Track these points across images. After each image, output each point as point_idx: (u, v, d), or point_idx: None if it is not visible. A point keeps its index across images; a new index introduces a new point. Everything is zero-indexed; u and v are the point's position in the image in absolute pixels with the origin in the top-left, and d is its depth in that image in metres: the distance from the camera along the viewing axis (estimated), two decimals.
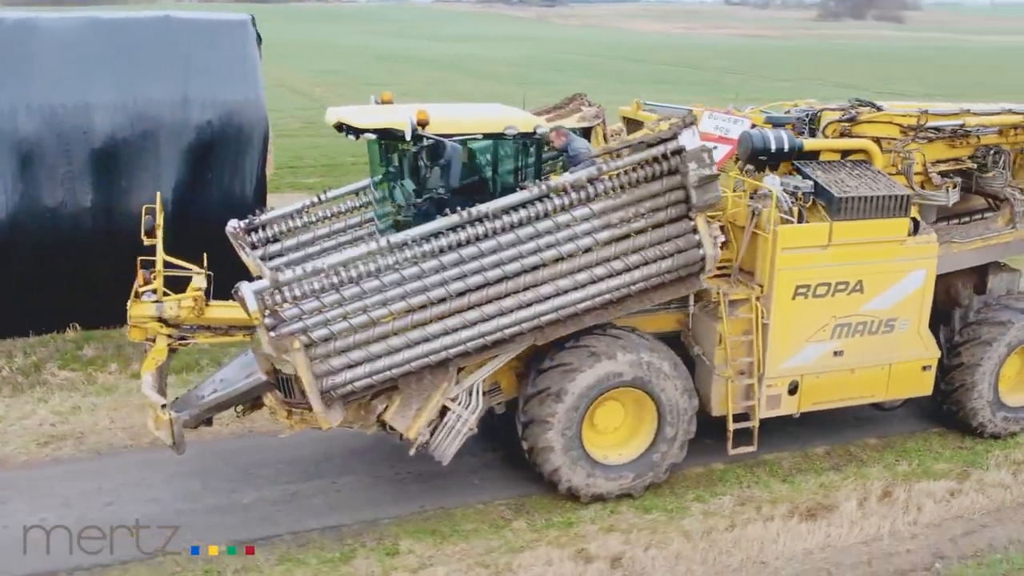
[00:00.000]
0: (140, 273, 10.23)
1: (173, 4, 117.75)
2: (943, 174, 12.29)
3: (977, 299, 12.64)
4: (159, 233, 10.87)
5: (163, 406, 9.57)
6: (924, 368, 12.03)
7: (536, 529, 10.49)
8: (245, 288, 9.27)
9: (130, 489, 11.14)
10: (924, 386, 12.17)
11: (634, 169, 10.15)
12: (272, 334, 9.38)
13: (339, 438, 11.85)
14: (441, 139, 9.45)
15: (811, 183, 11.13)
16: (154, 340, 10.58)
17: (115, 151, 15.68)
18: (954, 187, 12.21)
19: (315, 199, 12.26)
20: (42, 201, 15.46)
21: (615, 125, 12.78)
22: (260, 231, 12.07)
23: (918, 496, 11.22)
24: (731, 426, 11.23)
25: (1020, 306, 12.46)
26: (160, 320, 10.40)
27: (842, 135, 11.95)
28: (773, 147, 11.24)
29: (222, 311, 10.71)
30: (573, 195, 9.97)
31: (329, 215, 12.26)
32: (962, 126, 12.23)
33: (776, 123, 11.83)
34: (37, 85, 15.50)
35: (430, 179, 9.74)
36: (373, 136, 9.96)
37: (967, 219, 13.24)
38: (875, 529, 10.62)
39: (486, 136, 10.25)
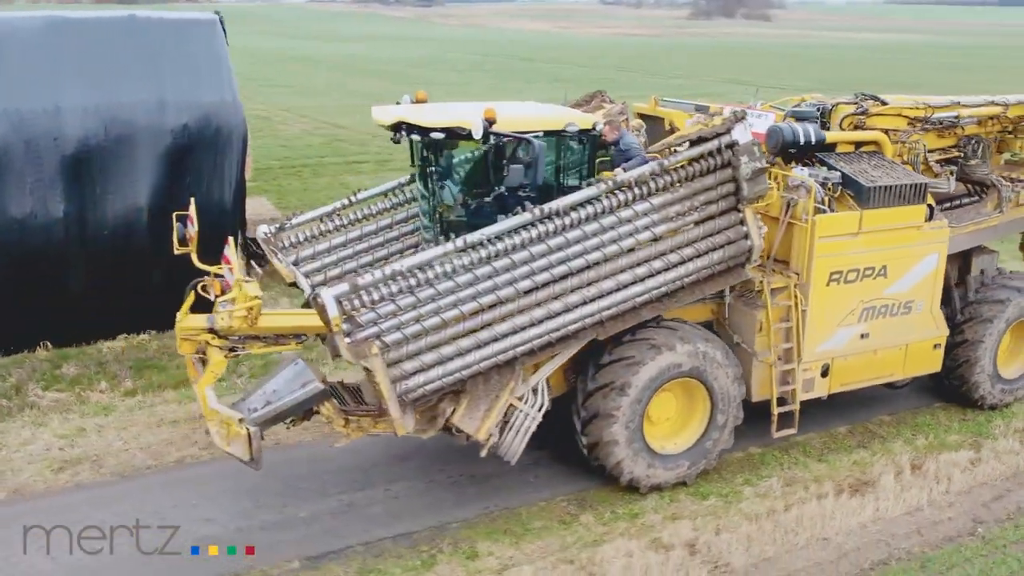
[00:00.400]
0: (216, 282, 9.74)
1: (27, 4, 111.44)
2: (938, 163, 13.03)
3: (974, 279, 13.43)
4: (193, 243, 10.45)
5: (240, 420, 9.15)
6: (935, 346, 12.72)
7: (604, 522, 10.57)
8: (325, 293, 9.01)
9: (172, 511, 10.61)
10: (935, 363, 12.86)
11: (690, 163, 10.39)
12: (348, 340, 9.15)
13: (378, 445, 11.63)
14: (526, 137, 9.40)
15: (839, 174, 11.60)
16: (203, 353, 10.08)
17: (88, 157, 14.93)
18: (951, 175, 12.96)
19: (346, 201, 11.97)
20: (9, 212, 14.56)
21: (635, 121, 12.97)
22: (291, 236, 11.70)
23: (946, 467, 11.85)
24: (775, 410, 11.58)
25: (1015, 284, 13.33)
26: (211, 331, 9.92)
27: (856, 127, 12.49)
28: (802, 140, 11.64)
29: (274, 319, 10.29)
30: (636, 190, 10.11)
31: (360, 217, 12.00)
32: (957, 117, 12.98)
33: (800, 117, 12.26)
34: (1, 89, 14.54)
35: (508, 177, 9.64)
36: (441, 135, 9.81)
37: (948, 205, 14.04)
38: (916, 500, 11.19)
39: (547, 133, 10.25)
